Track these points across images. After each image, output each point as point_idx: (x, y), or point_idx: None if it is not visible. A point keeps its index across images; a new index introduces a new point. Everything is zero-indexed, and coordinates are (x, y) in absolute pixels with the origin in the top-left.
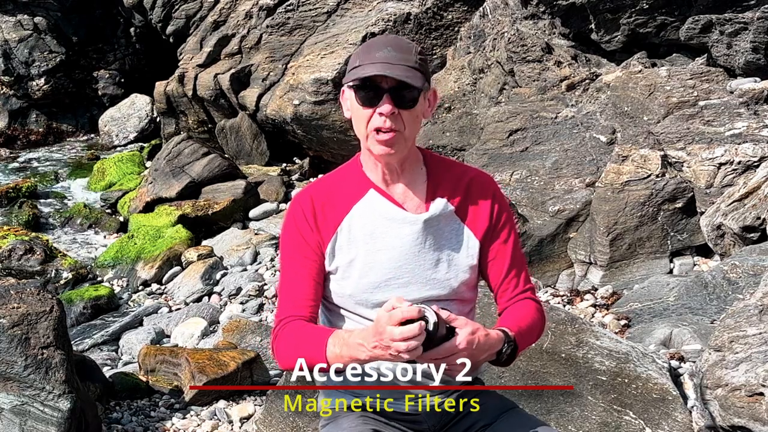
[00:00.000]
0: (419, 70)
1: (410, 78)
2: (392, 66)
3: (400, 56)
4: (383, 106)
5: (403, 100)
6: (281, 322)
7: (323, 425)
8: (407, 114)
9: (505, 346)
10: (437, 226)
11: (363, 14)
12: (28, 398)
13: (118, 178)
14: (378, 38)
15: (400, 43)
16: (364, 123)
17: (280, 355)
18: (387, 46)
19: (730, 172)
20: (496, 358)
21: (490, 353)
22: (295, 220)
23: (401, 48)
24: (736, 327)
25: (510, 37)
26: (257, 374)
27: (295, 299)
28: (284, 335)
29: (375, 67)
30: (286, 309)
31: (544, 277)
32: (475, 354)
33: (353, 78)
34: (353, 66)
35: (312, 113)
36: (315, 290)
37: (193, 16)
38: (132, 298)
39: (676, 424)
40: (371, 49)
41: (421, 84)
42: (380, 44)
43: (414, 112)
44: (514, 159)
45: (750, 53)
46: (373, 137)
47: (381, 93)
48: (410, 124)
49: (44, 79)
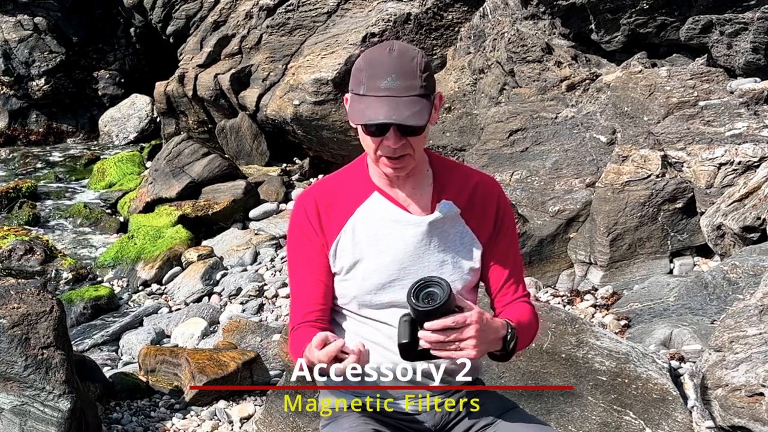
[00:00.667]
0: (425, 93)
1: (416, 116)
2: (398, 102)
3: (406, 85)
4: (390, 138)
5: (410, 131)
6: (292, 330)
7: (323, 425)
8: (415, 139)
9: (509, 333)
10: (442, 229)
11: (363, 14)
12: (28, 398)
13: (118, 178)
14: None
15: (404, 64)
16: (372, 149)
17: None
18: (391, 73)
19: (731, 173)
20: (501, 346)
21: (496, 337)
22: (299, 222)
23: (406, 73)
24: (737, 327)
25: (510, 38)
26: (257, 374)
27: (305, 305)
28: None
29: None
30: (296, 316)
31: (545, 277)
32: (484, 330)
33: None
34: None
35: (312, 113)
36: (324, 292)
37: (193, 17)
38: (132, 298)
39: (676, 425)
40: (375, 76)
41: (427, 114)
42: (384, 70)
43: (422, 135)
44: (514, 159)
45: (750, 53)
46: (383, 161)
47: (387, 127)
48: (418, 145)
49: (44, 79)
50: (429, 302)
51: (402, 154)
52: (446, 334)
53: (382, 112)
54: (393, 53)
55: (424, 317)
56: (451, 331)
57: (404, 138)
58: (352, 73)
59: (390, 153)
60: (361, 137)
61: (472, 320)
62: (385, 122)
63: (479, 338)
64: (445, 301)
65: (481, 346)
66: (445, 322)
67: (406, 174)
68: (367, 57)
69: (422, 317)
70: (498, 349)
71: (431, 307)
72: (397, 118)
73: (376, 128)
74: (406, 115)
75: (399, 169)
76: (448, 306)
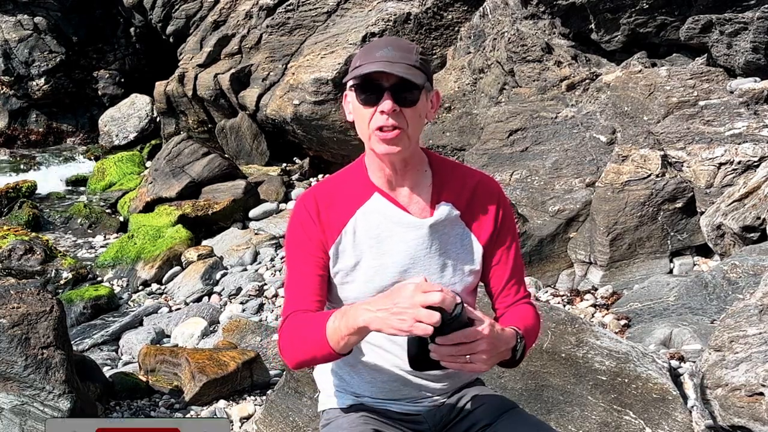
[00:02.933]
0: (420, 69)
1: (411, 75)
2: (392, 64)
3: (401, 55)
4: (384, 103)
5: (404, 97)
6: (286, 318)
7: (323, 425)
8: (409, 111)
9: (519, 342)
10: (442, 231)
11: (363, 14)
12: (28, 398)
13: (118, 178)
14: (379, 39)
15: (400, 43)
16: (366, 122)
17: (285, 350)
18: (387, 45)
19: (730, 172)
20: (510, 354)
21: (507, 347)
22: (300, 218)
23: (402, 47)
24: (736, 327)
25: (510, 37)
26: (257, 374)
27: (301, 295)
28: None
29: (375, 65)
30: (290, 305)
31: (544, 277)
32: (495, 344)
33: (354, 76)
34: (354, 66)
35: (312, 113)
36: (320, 286)
37: (193, 16)
38: (132, 298)
39: (676, 424)
40: (371, 50)
41: (422, 82)
42: (381, 44)
43: (416, 110)
44: (514, 159)
45: (750, 53)
46: (376, 136)
47: (382, 91)
48: (413, 122)
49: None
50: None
51: (396, 125)
52: (458, 348)
53: (376, 67)
54: (390, 38)
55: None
56: (463, 346)
57: (398, 107)
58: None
59: (383, 122)
60: (357, 117)
61: (484, 334)
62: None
63: (490, 351)
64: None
65: (491, 359)
66: (457, 336)
67: (405, 170)
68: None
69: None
70: (507, 358)
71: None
72: (392, 70)
73: (370, 90)
74: (401, 71)
75: (392, 142)
76: (461, 320)
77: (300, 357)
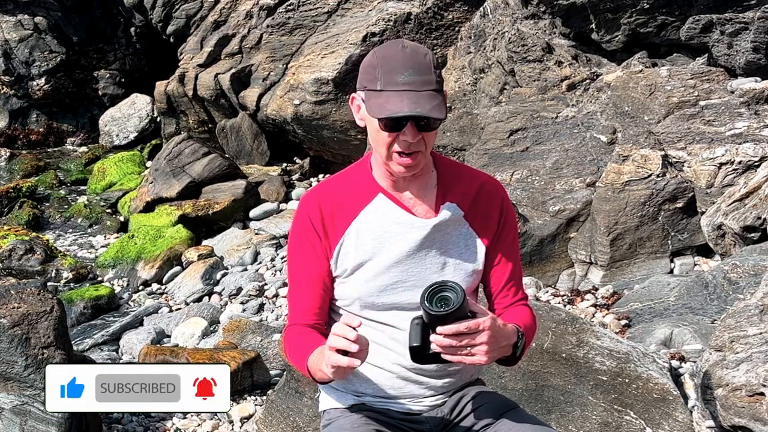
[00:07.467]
0: (440, 89)
1: (436, 110)
2: (418, 96)
3: (423, 80)
4: (408, 133)
5: (427, 125)
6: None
7: (324, 425)
8: (429, 135)
9: (520, 339)
10: (446, 231)
11: (363, 14)
12: (28, 398)
13: (119, 178)
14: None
15: (418, 60)
16: (385, 145)
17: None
18: (407, 68)
19: (731, 172)
20: (511, 351)
21: (507, 344)
22: (303, 226)
23: (421, 68)
24: (737, 327)
25: (510, 37)
26: (258, 374)
27: (301, 308)
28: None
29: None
30: (292, 317)
31: (545, 277)
32: (496, 337)
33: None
34: (373, 85)
35: (312, 113)
36: (321, 297)
37: (194, 16)
38: (132, 298)
39: (677, 424)
40: (392, 71)
41: (445, 112)
42: (400, 65)
43: (435, 132)
44: (514, 159)
45: (750, 53)
46: (395, 159)
47: (405, 121)
48: (430, 141)
49: (44, 79)
50: (443, 306)
51: (416, 150)
52: (459, 339)
53: (404, 105)
54: (406, 50)
55: (438, 321)
56: (464, 336)
57: (420, 133)
58: (363, 70)
59: (405, 148)
60: (374, 134)
61: (486, 326)
62: (410, 114)
63: (491, 344)
64: (459, 305)
65: (492, 352)
66: (458, 327)
67: (413, 174)
68: (380, 53)
69: (435, 321)
70: (507, 354)
71: (445, 311)
72: (421, 111)
73: (395, 123)
74: (428, 108)
75: (411, 167)
76: (462, 311)
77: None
